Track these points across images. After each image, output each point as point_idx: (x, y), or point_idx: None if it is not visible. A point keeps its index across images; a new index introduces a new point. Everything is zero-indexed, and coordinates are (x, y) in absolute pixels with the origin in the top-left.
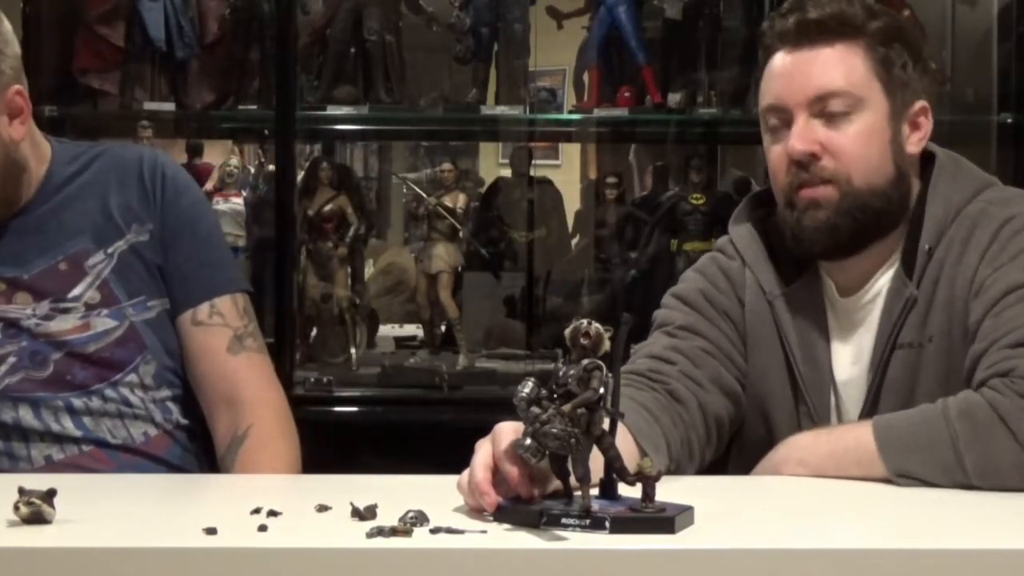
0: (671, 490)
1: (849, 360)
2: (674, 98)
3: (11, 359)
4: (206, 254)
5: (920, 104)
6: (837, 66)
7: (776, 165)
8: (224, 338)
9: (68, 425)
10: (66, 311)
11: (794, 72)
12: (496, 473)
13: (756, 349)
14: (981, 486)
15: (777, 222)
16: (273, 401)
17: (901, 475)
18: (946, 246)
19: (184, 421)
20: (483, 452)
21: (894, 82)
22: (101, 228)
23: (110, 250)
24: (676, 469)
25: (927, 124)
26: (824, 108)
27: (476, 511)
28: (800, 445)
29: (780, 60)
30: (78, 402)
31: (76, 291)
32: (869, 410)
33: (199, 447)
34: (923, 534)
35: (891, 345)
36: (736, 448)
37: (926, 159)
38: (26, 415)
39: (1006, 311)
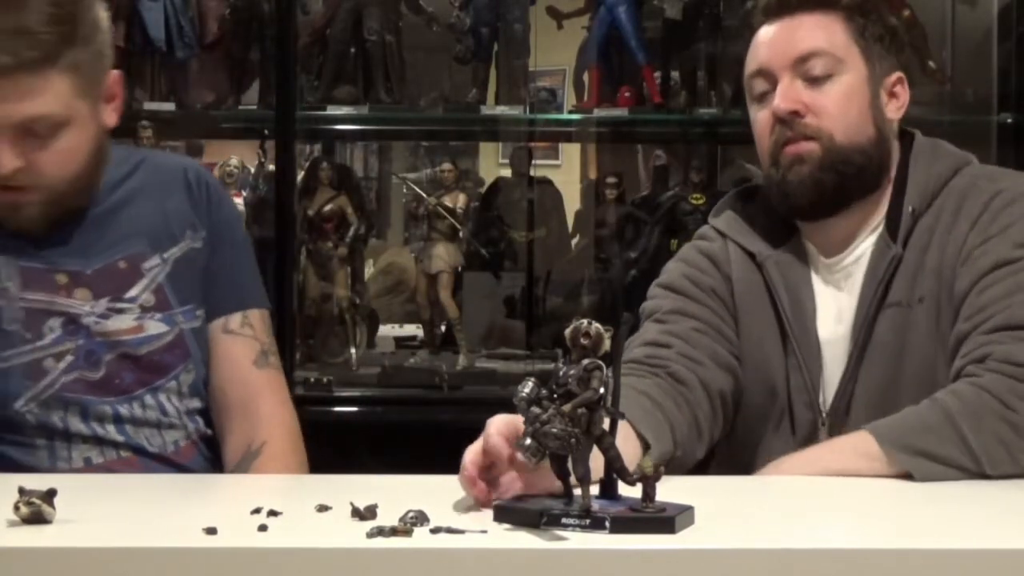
0: (671, 490)
1: (832, 319)
2: (675, 76)
3: (68, 357)
4: (242, 265)
5: (897, 75)
6: (818, 30)
7: (762, 128)
8: (252, 350)
9: (111, 430)
10: (122, 311)
11: (777, 38)
12: (491, 469)
13: (748, 316)
14: (982, 455)
15: (761, 192)
16: (288, 421)
17: (907, 451)
18: (935, 214)
19: (208, 431)
20: (474, 445)
21: (871, 50)
22: (157, 233)
23: (165, 255)
24: (683, 454)
25: (904, 94)
26: (807, 70)
27: (478, 508)
28: (798, 455)
29: (764, 30)
30: (123, 409)
31: (133, 292)
32: (853, 368)
33: (215, 455)
34: (923, 534)
35: (877, 305)
36: (736, 419)
37: (903, 138)
38: (74, 419)
39: (989, 289)
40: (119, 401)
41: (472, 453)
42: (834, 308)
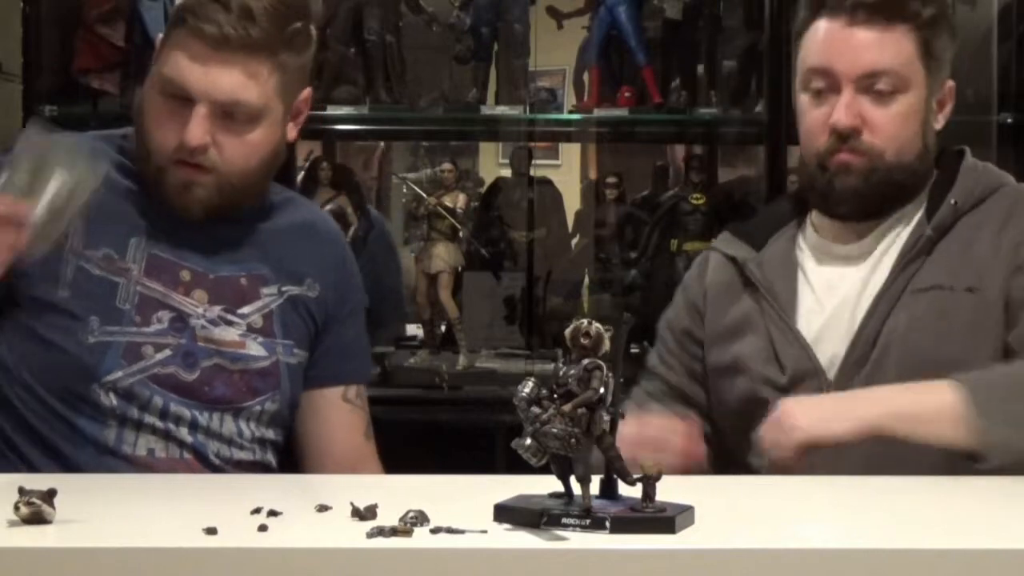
0: (671, 490)
1: (834, 296)
2: (675, 85)
3: (167, 351)
4: (364, 337)
5: (949, 84)
6: (889, 47)
7: (815, 128)
8: (363, 422)
9: (183, 432)
10: (230, 323)
11: (846, 45)
12: None
13: (718, 305)
14: None
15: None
16: None
17: (991, 431)
18: (984, 212)
19: (272, 464)
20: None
21: (934, 66)
22: (283, 266)
23: (284, 289)
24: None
25: (950, 103)
26: (872, 85)
27: (479, 508)
28: (867, 401)
29: (833, 28)
30: (202, 418)
31: (246, 309)
32: (870, 342)
33: None
34: (923, 534)
35: (902, 287)
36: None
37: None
38: (151, 414)
39: None
40: (202, 412)
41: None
42: (838, 284)
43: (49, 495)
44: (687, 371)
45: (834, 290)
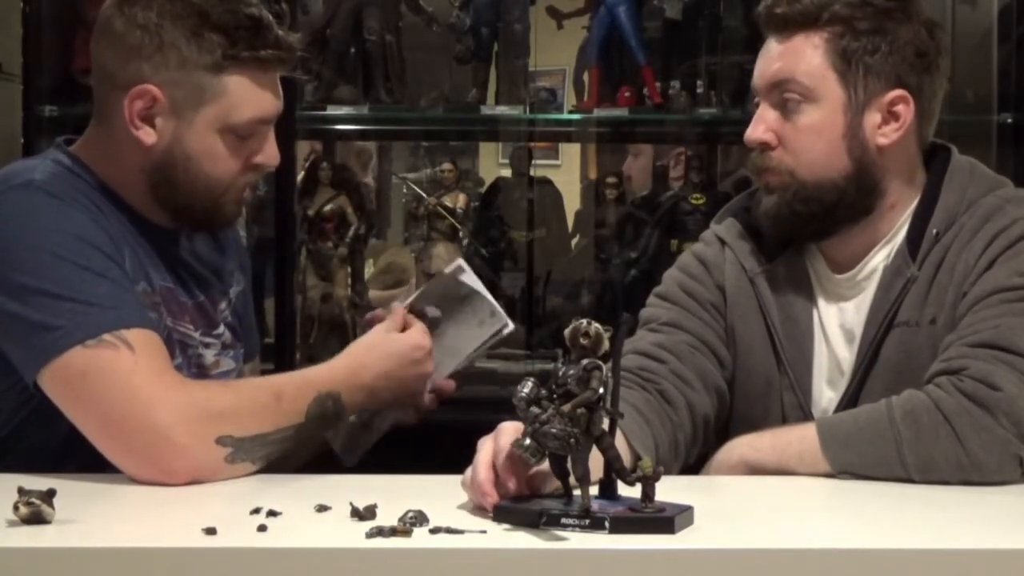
0: (671, 490)
1: (836, 338)
2: (675, 86)
3: None
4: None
5: (896, 93)
6: (792, 55)
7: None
8: None
9: None
10: (208, 346)
11: (763, 58)
12: (498, 472)
13: (741, 327)
14: (920, 481)
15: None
16: None
17: (843, 471)
18: (956, 231)
19: None
20: (485, 451)
21: (855, 74)
22: (223, 269)
23: (230, 294)
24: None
25: (907, 112)
26: (779, 97)
27: (479, 508)
28: (742, 442)
29: (765, 43)
30: None
31: (220, 328)
32: (856, 388)
33: None
34: (922, 534)
35: (887, 324)
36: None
37: (934, 152)
38: None
39: (984, 310)
40: None
41: (485, 468)
42: (838, 326)
43: (48, 495)
44: (718, 335)
45: (838, 325)
